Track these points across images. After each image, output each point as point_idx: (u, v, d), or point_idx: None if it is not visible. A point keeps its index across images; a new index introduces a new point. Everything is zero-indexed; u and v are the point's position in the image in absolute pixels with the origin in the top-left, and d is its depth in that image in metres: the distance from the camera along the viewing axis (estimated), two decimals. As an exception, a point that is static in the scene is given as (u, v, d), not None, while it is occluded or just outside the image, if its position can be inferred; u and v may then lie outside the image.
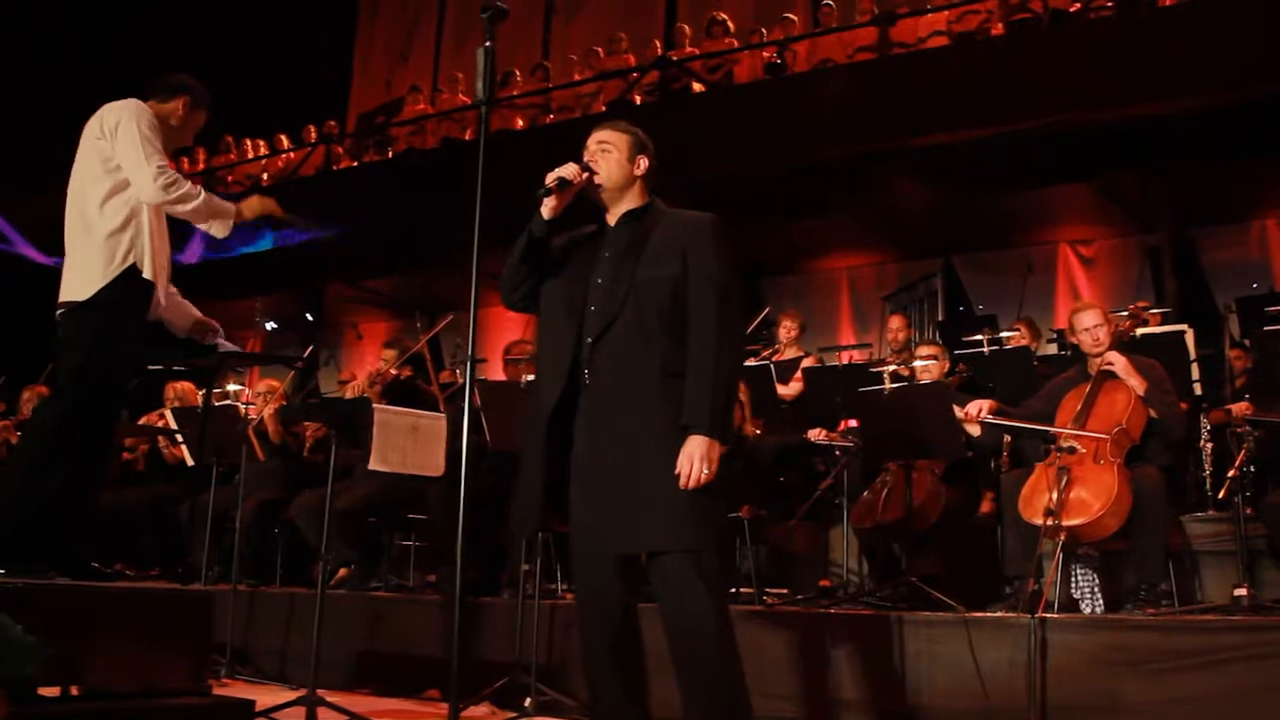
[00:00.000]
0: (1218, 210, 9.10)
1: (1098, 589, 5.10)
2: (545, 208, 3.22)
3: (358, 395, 6.60)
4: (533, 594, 5.28)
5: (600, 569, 3.18)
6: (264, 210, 4.23)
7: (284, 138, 12.99)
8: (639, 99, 10.46)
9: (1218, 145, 7.95)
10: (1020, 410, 5.23)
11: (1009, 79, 8.26)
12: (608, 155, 3.32)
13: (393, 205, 10.81)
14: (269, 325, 9.65)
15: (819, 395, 6.54)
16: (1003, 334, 6.83)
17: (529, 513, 3.22)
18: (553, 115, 11.19)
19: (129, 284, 3.85)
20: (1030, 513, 4.80)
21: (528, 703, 4.91)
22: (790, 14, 10.40)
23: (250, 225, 4.29)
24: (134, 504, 7.51)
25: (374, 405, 4.97)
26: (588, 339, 3.19)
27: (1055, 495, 4.64)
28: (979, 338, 6.39)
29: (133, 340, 3.94)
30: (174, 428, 7.27)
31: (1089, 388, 5.09)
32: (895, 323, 7.71)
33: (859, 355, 7.96)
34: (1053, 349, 7.50)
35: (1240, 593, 4.62)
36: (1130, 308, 5.81)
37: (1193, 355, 5.86)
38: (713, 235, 3.26)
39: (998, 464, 5.67)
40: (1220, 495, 5.07)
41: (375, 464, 4.75)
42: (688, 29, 10.99)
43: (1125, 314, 5.63)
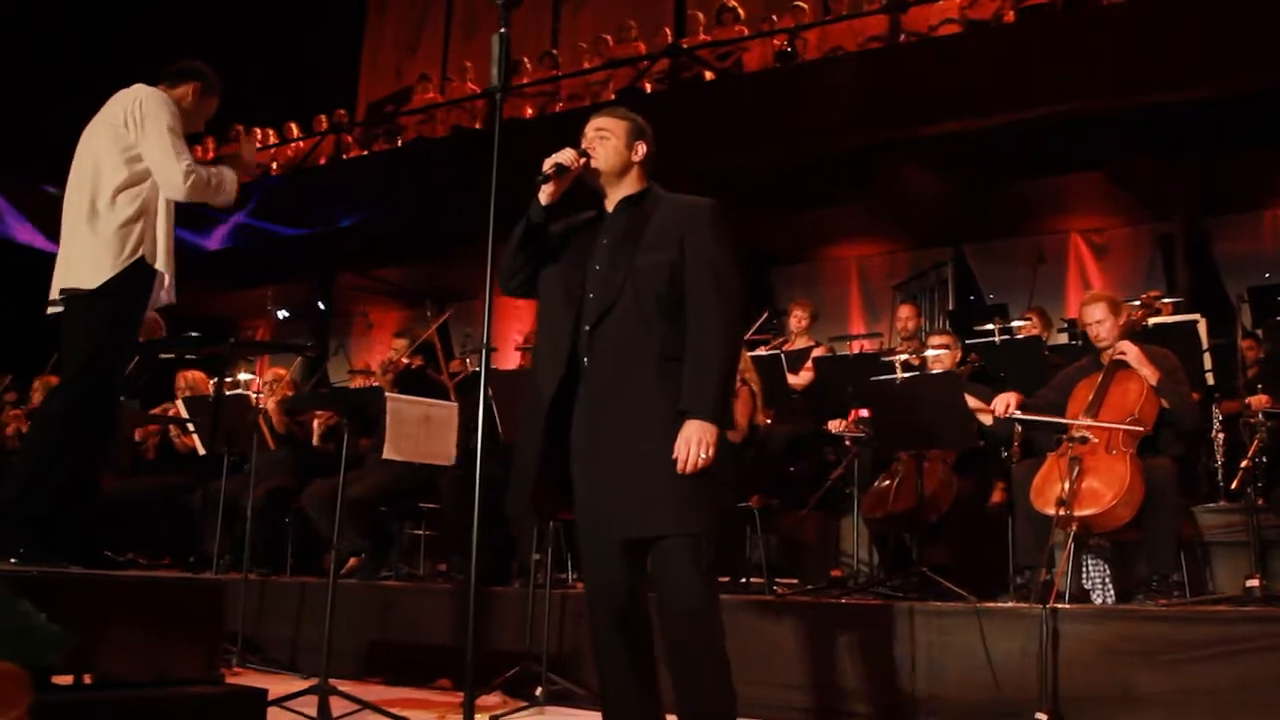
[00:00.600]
0: (1230, 199, 9.06)
1: (1109, 579, 5.08)
2: (543, 194, 3.22)
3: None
4: (544, 583, 5.28)
5: (606, 555, 3.18)
6: (249, 162, 4.24)
7: (294, 126, 12.99)
8: (649, 87, 10.44)
9: (1231, 134, 7.91)
10: (1034, 400, 5.22)
11: (1021, 67, 8.22)
12: (605, 141, 3.31)
13: (402, 194, 10.80)
14: (281, 314, 9.66)
15: (830, 385, 6.53)
16: (1014, 323, 6.80)
17: (522, 503, 3.22)
18: (562, 104, 11.17)
19: (137, 274, 3.85)
20: (1042, 503, 4.79)
21: (539, 692, 4.92)
22: (800, 2, 10.35)
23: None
24: (145, 493, 7.53)
25: (386, 394, 4.97)
26: (586, 326, 3.19)
27: (1067, 485, 4.62)
28: (990, 327, 6.37)
29: (136, 330, 3.95)
30: (185, 416, 7.29)
31: (1101, 377, 5.07)
32: (905, 312, 7.69)
33: (869, 345, 7.93)
34: (1064, 338, 7.47)
35: (1253, 583, 4.60)
36: (1143, 297, 5.77)
37: (1205, 345, 5.84)
38: (711, 220, 3.26)
39: (1009, 454, 5.65)
40: (1233, 486, 5.05)
41: (389, 453, 4.76)
42: (701, 17, 10.96)
43: (1138, 304, 5.60)
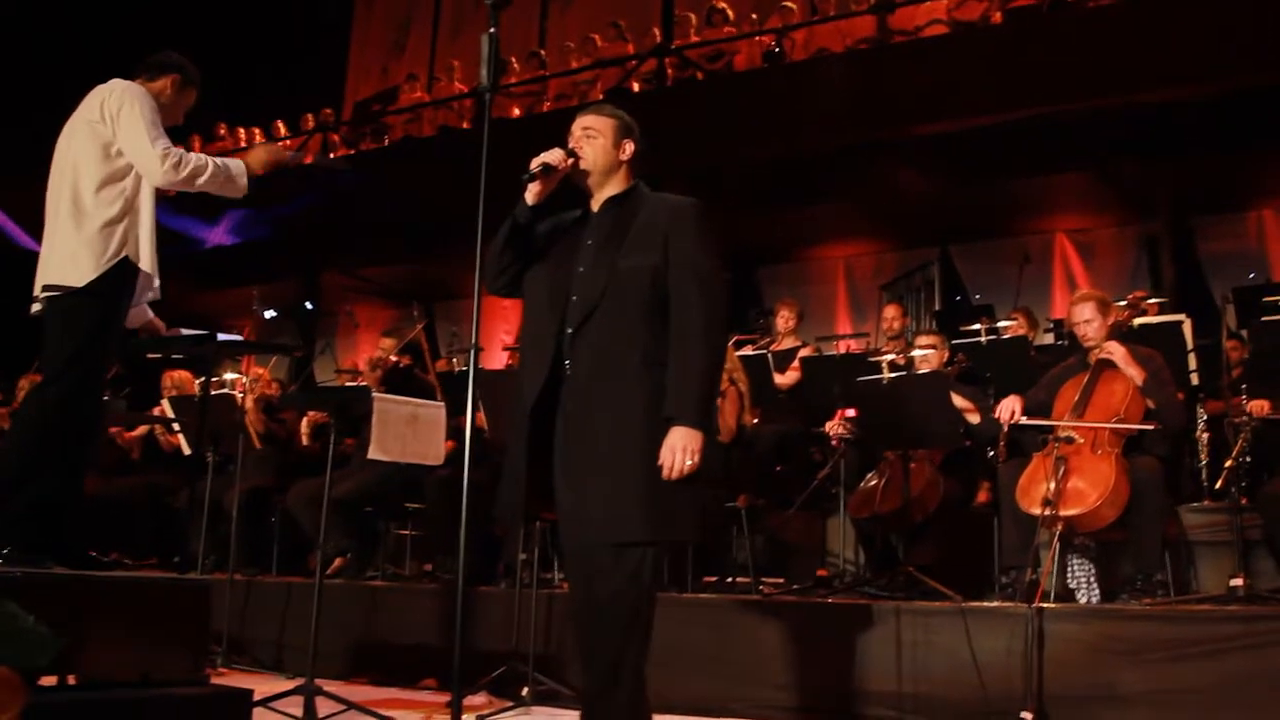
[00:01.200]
0: (1216, 200, 9.08)
1: (1094, 579, 5.10)
2: (529, 193, 3.20)
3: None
4: (530, 583, 5.28)
5: (586, 559, 3.15)
6: (272, 161, 4.15)
7: (281, 124, 12.95)
8: (636, 87, 10.44)
9: (1216, 135, 7.94)
10: (1025, 402, 5.23)
11: (1007, 68, 8.24)
12: (593, 140, 3.29)
13: (390, 193, 10.78)
14: (268, 314, 9.63)
15: (817, 385, 6.53)
16: (1000, 323, 6.82)
17: (513, 503, 3.20)
18: (549, 103, 11.16)
19: (121, 274, 3.83)
20: (1028, 502, 4.81)
21: (525, 692, 4.92)
22: (788, 2, 10.37)
23: (267, 180, 4.19)
24: (130, 493, 7.51)
25: (374, 394, 4.96)
26: (569, 329, 3.16)
27: (1053, 485, 4.64)
28: (976, 327, 6.39)
29: (120, 330, 3.93)
30: (171, 416, 7.27)
31: (1087, 377, 5.10)
32: (891, 312, 7.69)
33: (856, 344, 7.95)
34: (1050, 339, 7.50)
35: (1236, 583, 4.61)
36: (1129, 297, 5.80)
37: (1190, 345, 5.86)
38: (695, 221, 3.23)
39: (995, 454, 5.67)
40: (1217, 486, 5.07)
41: (375, 453, 4.74)
42: (693, 17, 10.96)
43: (1124, 304, 5.62)
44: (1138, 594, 4.72)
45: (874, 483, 5.87)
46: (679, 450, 3.01)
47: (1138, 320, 5.79)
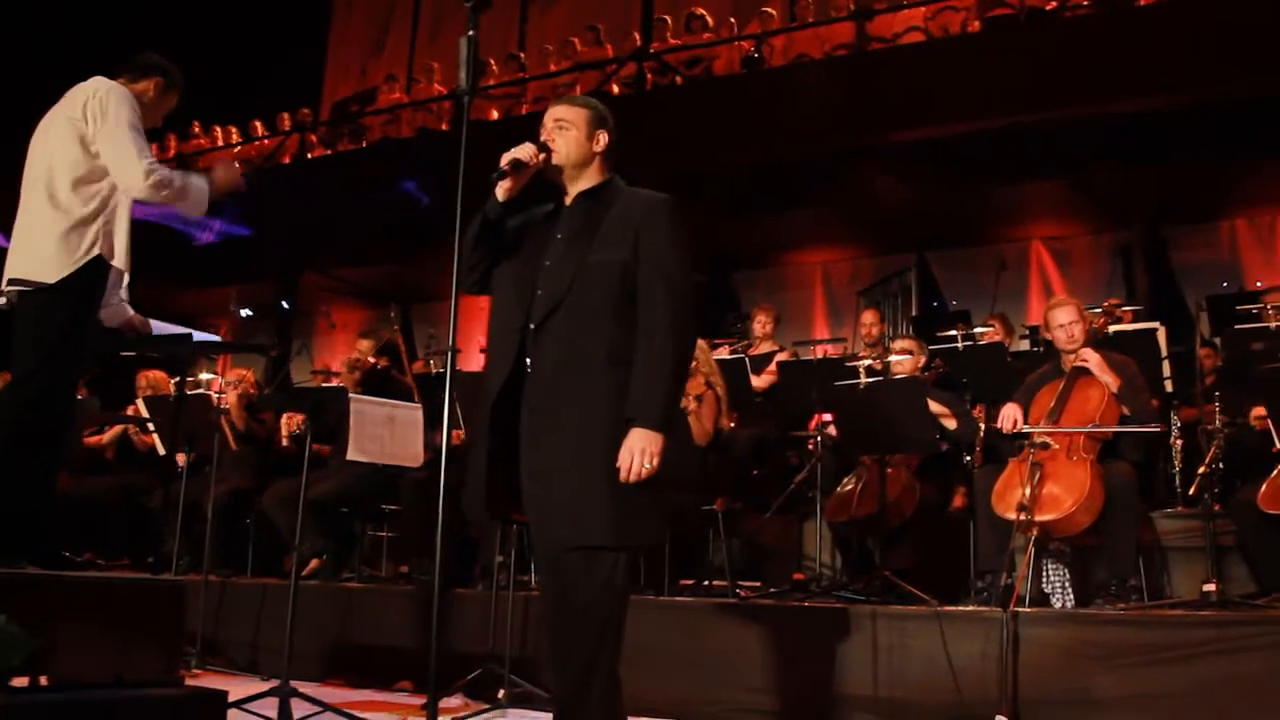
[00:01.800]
0: (1189, 209, 9.16)
1: (1069, 584, 5.13)
2: (500, 189, 3.13)
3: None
4: (506, 585, 5.27)
5: (554, 558, 3.07)
6: (231, 183, 4.14)
7: (258, 124, 12.89)
8: (616, 90, 10.44)
9: (1190, 144, 8.00)
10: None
11: (985, 76, 8.28)
12: (565, 133, 3.20)
13: (367, 194, 10.74)
14: (244, 312, 9.59)
15: (794, 389, 6.55)
16: (976, 329, 6.85)
17: (474, 503, 3.12)
18: (528, 106, 11.14)
19: (94, 272, 3.80)
20: (1003, 508, 4.84)
21: (501, 694, 4.91)
22: (768, 8, 10.40)
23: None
24: (104, 493, 7.45)
25: (350, 395, 4.94)
26: (532, 324, 3.09)
27: (1028, 490, 4.67)
28: (953, 333, 6.42)
29: (95, 328, 3.90)
30: (145, 416, 7.21)
31: (1063, 384, 5.13)
32: (869, 317, 7.74)
33: (833, 350, 7.97)
34: (1025, 345, 7.54)
35: (1209, 588, 4.66)
36: (1104, 304, 5.84)
37: (1164, 353, 5.91)
38: (667, 217, 3.15)
39: (971, 459, 5.70)
40: (1191, 492, 5.12)
41: (353, 454, 4.72)
42: (670, 20, 10.97)
43: (1099, 311, 5.66)
44: (1112, 599, 4.76)
45: (850, 487, 5.89)
46: (637, 452, 2.94)
47: (1113, 327, 5.83)
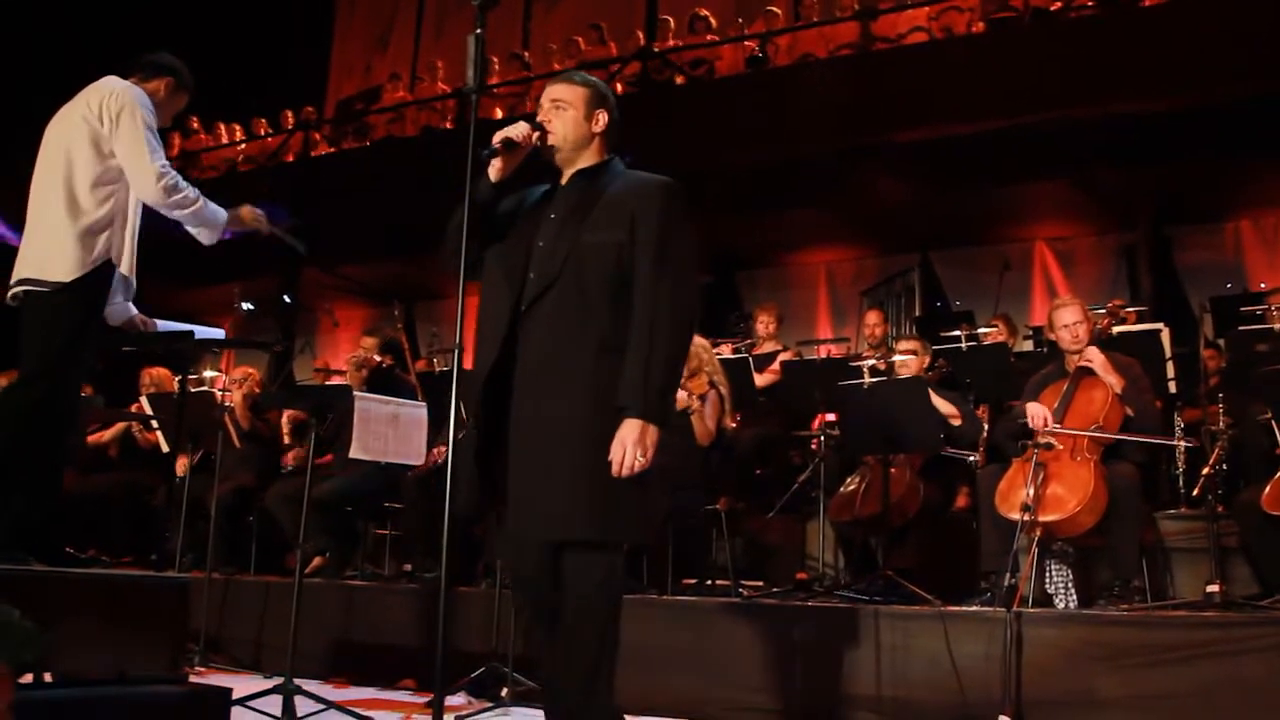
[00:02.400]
0: (1193, 210, 9.16)
1: (1072, 584, 5.13)
2: (491, 170, 3.01)
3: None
4: (509, 583, 5.27)
5: (527, 554, 2.97)
6: (250, 223, 4.18)
7: (263, 122, 12.89)
8: (620, 88, 10.44)
9: (1195, 145, 8.00)
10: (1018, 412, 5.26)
11: (988, 76, 8.28)
12: (563, 112, 3.08)
13: (371, 192, 10.75)
14: (245, 306, 9.59)
15: (797, 389, 6.55)
16: (980, 330, 6.86)
17: (462, 493, 2.98)
18: (531, 104, 11.14)
19: (103, 276, 3.82)
20: (1007, 508, 4.84)
21: (504, 692, 4.91)
22: (773, 8, 10.39)
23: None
24: (107, 490, 7.45)
25: (355, 393, 4.94)
26: (523, 306, 2.96)
27: (1032, 491, 4.67)
28: (957, 333, 6.42)
29: (100, 329, 3.92)
30: (149, 413, 7.22)
31: (1067, 384, 5.13)
32: (873, 318, 7.75)
33: (837, 349, 7.98)
34: (1029, 345, 7.54)
35: (1213, 589, 4.65)
36: (1109, 305, 5.84)
37: (1168, 354, 5.91)
38: (666, 200, 3.00)
39: (975, 459, 5.70)
40: (1194, 493, 5.12)
41: (356, 452, 4.73)
42: (672, 21, 10.97)
43: (1103, 312, 5.67)
44: (1115, 600, 4.76)
45: (854, 487, 5.89)
46: (630, 444, 2.82)
47: (1116, 328, 5.84)
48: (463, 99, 11.30)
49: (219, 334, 4.50)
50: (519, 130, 3.01)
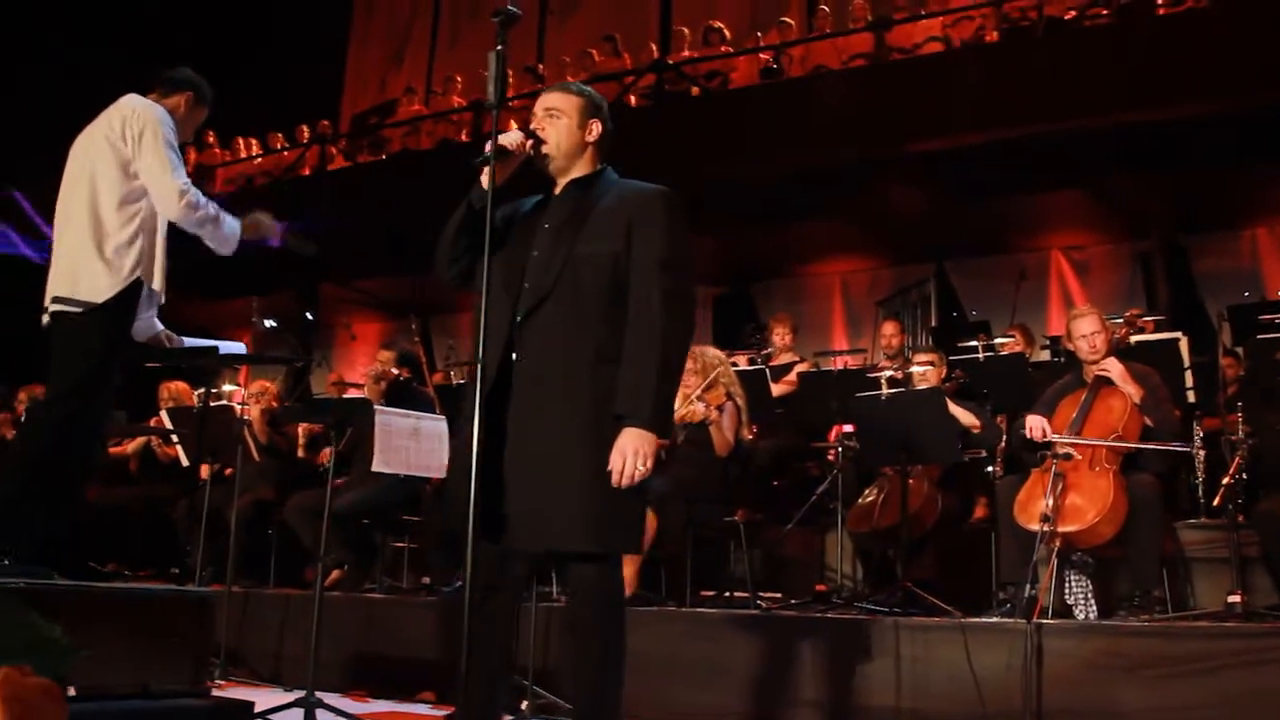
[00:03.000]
0: (1209, 218, 9.14)
1: (1091, 595, 5.12)
2: (485, 177, 2.94)
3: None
4: (528, 597, 5.27)
5: (506, 559, 2.92)
6: (263, 233, 4.22)
7: (279, 137, 12.96)
8: (634, 101, 10.47)
9: (1210, 153, 7.99)
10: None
11: (1002, 85, 8.29)
12: (556, 121, 3.06)
13: (386, 206, 10.79)
14: (268, 323, 9.62)
15: (814, 400, 6.55)
16: (997, 340, 6.85)
17: (459, 504, 2.90)
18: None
19: (134, 295, 3.87)
20: (1026, 518, 4.83)
21: (524, 705, 4.91)
22: (787, 18, 10.42)
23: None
24: (127, 503, 7.50)
25: (376, 407, 4.97)
26: (519, 316, 2.92)
27: (1051, 501, 4.65)
28: (974, 343, 6.42)
29: (125, 347, 3.95)
30: (169, 427, 7.26)
31: (1085, 394, 5.12)
32: (889, 328, 7.74)
33: (853, 360, 7.97)
34: (1046, 355, 7.53)
35: (1234, 599, 4.63)
36: (1126, 315, 5.84)
37: (1186, 363, 5.89)
38: (663, 209, 2.98)
39: (993, 469, 5.69)
40: (1215, 503, 5.09)
41: (378, 465, 4.76)
42: (687, 32, 11.00)
43: (1121, 321, 5.66)
44: (1135, 610, 4.74)
45: (872, 498, 5.89)
46: (630, 453, 2.79)
47: (1134, 338, 5.82)
48: (478, 112, 11.35)
49: (241, 349, 4.52)
50: (512, 138, 2.99)
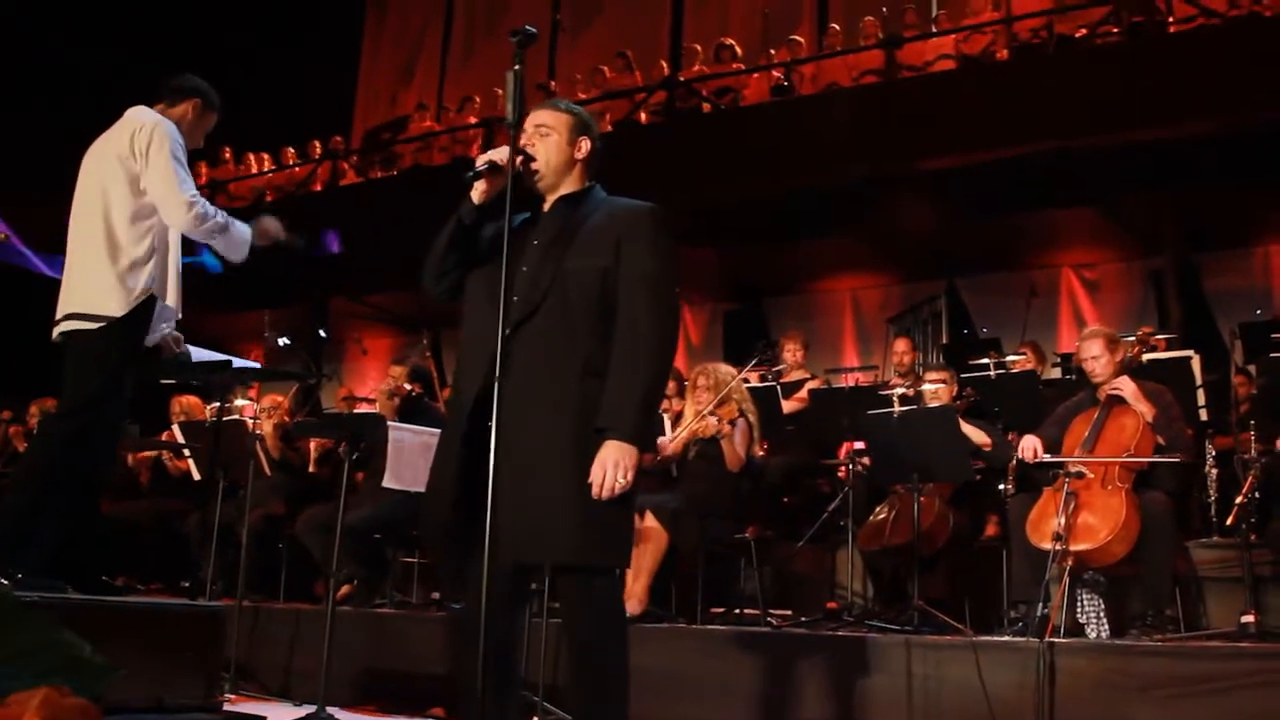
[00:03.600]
0: (1221, 236, 9.13)
1: (1103, 614, 5.10)
2: (475, 192, 2.99)
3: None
4: (539, 612, 5.27)
5: (496, 579, 2.79)
6: (274, 236, 4.24)
7: (291, 151, 13.01)
8: (645, 118, 10.50)
9: (1222, 171, 7.99)
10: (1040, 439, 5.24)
11: (1013, 103, 8.30)
12: (546, 138, 3.08)
13: (398, 222, 10.81)
14: (281, 341, 9.66)
15: (825, 417, 6.55)
16: (1008, 358, 6.84)
17: (433, 526, 2.98)
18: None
19: (147, 310, 3.89)
20: (1038, 537, 4.82)
21: (534, 722, 4.91)
22: (797, 36, 10.44)
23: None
24: (138, 517, 7.51)
25: (389, 424, 4.98)
26: (506, 331, 2.88)
27: (1063, 520, 4.65)
28: (985, 361, 6.41)
29: (137, 363, 3.97)
30: (181, 441, 7.28)
31: (1097, 413, 5.11)
32: (901, 345, 7.73)
33: (864, 377, 7.97)
34: (1057, 373, 7.52)
35: (1247, 619, 4.63)
36: (1139, 333, 5.83)
37: (1199, 381, 5.88)
38: (651, 226, 3.01)
39: (1005, 487, 5.68)
40: (1228, 522, 5.07)
41: (389, 481, 4.77)
42: (698, 49, 11.03)
43: (1133, 339, 5.64)
44: (1148, 629, 4.72)
45: (883, 515, 5.88)
46: (610, 466, 2.79)
47: (1147, 356, 5.81)
48: (490, 129, 11.39)
49: (255, 364, 4.55)
50: (502, 154, 3.00)
